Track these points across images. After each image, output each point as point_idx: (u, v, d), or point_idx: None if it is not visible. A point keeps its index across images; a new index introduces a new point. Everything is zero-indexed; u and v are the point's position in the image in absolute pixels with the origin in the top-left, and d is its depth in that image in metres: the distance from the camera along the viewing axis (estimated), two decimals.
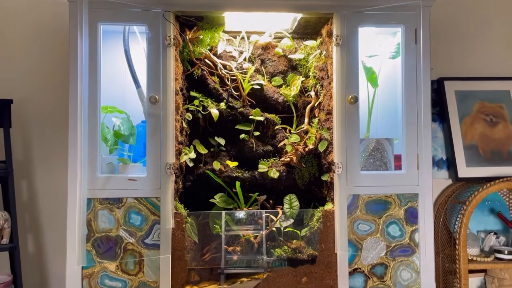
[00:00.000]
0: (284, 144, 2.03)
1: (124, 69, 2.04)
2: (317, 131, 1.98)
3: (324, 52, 1.97)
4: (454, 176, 2.29)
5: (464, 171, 2.27)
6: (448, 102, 2.33)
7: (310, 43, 2.06)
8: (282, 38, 2.16)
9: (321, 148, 1.93)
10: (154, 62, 1.80)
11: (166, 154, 1.79)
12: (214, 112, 1.97)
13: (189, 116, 1.97)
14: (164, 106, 1.79)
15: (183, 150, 1.91)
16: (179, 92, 1.89)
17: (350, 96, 1.83)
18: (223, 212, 1.90)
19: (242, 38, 2.12)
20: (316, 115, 2.02)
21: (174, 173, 1.81)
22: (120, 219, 1.79)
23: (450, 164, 2.35)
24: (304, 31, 2.11)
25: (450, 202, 2.26)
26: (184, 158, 1.89)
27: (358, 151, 1.85)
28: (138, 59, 1.98)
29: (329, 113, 1.91)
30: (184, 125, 1.93)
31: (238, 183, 1.93)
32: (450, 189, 2.35)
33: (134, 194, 1.79)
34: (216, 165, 1.99)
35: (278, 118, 2.10)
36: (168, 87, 1.80)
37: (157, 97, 1.78)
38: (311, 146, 1.97)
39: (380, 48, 2.11)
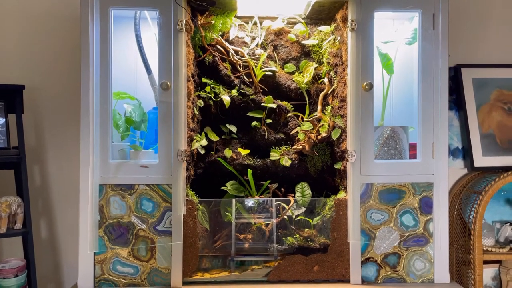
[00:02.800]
0: (297, 132, 2.00)
1: (135, 55, 2.02)
2: (330, 118, 1.95)
3: (339, 38, 1.92)
4: (470, 165, 2.24)
5: (480, 160, 2.23)
6: (465, 90, 2.27)
7: (324, 28, 2.02)
8: (295, 23, 2.12)
9: (334, 136, 1.90)
10: (165, 47, 1.78)
11: (177, 141, 1.77)
12: (226, 99, 1.94)
13: (200, 103, 1.94)
14: (176, 93, 1.77)
15: (194, 137, 1.89)
16: (191, 78, 1.87)
17: (365, 83, 1.79)
18: (234, 200, 1.89)
19: (255, 23, 2.08)
20: (330, 102, 1.98)
21: (186, 160, 1.80)
22: (132, 206, 1.79)
23: (466, 153, 2.30)
24: (318, 16, 2.06)
25: (465, 192, 2.22)
26: (195, 145, 1.87)
27: (372, 139, 1.82)
28: (149, 45, 1.97)
29: (343, 100, 1.87)
30: (196, 112, 1.91)
31: (249, 171, 1.91)
32: (466, 178, 2.30)
33: (146, 181, 1.78)
34: (228, 152, 1.97)
35: (291, 106, 2.07)
36: (179, 73, 1.77)
37: (168, 83, 1.76)
38: (324, 134, 1.93)
39: (396, 34, 2.06)
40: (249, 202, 1.91)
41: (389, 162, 1.87)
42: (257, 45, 2.07)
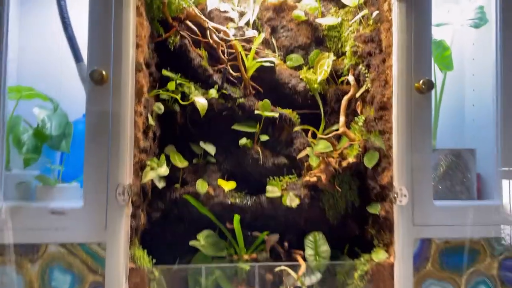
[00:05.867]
0: (307, 156, 1.32)
1: (58, 34, 1.29)
2: (362, 136, 1.27)
3: (375, 14, 1.26)
4: None
5: None
6: None
7: (349, 0, 1.35)
8: None
9: (369, 162, 1.23)
10: (100, 14, 1.07)
11: (117, 170, 1.05)
12: (200, 103, 1.24)
13: (159, 107, 1.23)
14: (117, 89, 1.06)
15: (148, 162, 1.18)
16: (143, 67, 1.16)
17: (420, 81, 1.14)
18: (210, 266, 1.18)
19: None
20: (359, 111, 1.32)
21: (132, 201, 1.08)
22: (35, 282, 1.04)
23: None
24: None
25: None
26: (149, 175, 1.16)
27: (430, 169, 1.16)
28: (81, 19, 1.23)
29: (383, 107, 1.21)
30: (151, 121, 1.19)
31: (236, 218, 1.21)
32: None
33: (61, 238, 1.05)
34: (202, 186, 1.26)
35: (297, 116, 1.39)
36: (124, 57, 1.07)
37: (104, 73, 1.05)
38: (351, 160, 1.26)
39: (450, 15, 1.43)
40: (236, 267, 1.20)
41: (455, 204, 1.21)
42: (247, 24, 1.39)
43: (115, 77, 1.06)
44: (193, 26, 1.32)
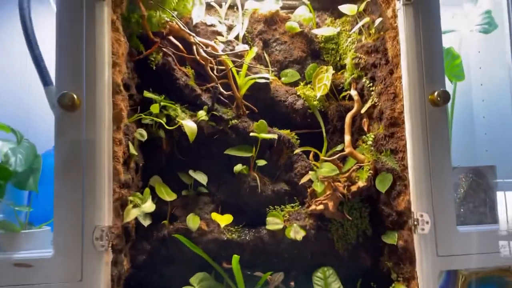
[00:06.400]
0: (310, 181, 1.18)
1: (23, 55, 1.14)
2: (371, 156, 1.14)
3: (378, 21, 1.15)
4: None
5: None
6: None
7: (347, 8, 1.23)
8: (294, 8, 1.34)
9: (382, 186, 1.09)
10: (70, 30, 0.92)
11: (94, 210, 0.89)
12: (189, 126, 1.10)
13: (142, 134, 1.08)
14: (91, 115, 0.91)
15: (130, 198, 1.02)
16: (121, 89, 1.01)
17: (435, 93, 1.01)
18: None
19: (232, 6, 1.28)
20: (365, 128, 1.19)
21: (112, 246, 0.92)
22: None
23: None
24: None
25: None
26: (132, 214, 0.99)
27: (451, 190, 1.03)
28: (49, 38, 1.09)
29: (394, 124, 1.09)
30: (133, 150, 1.04)
31: (235, 258, 1.04)
32: None
33: None
34: (193, 221, 1.11)
35: (296, 136, 1.25)
36: (98, 79, 0.92)
37: (75, 97, 0.89)
38: (361, 184, 1.12)
39: (454, 20, 1.33)
40: None
41: (481, 230, 1.08)
42: (237, 38, 1.26)
43: (88, 101, 0.91)
44: (177, 42, 1.18)
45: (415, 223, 1.00)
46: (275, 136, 1.17)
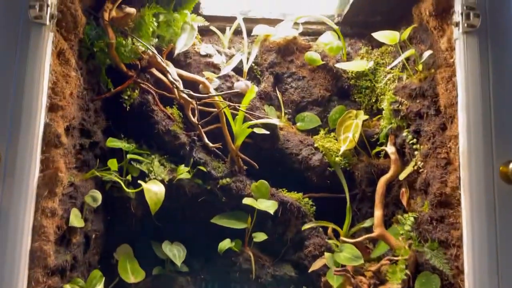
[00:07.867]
0: (326, 267, 0.85)
1: None
2: (410, 246, 0.79)
3: (428, 54, 0.82)
4: None
5: None
6: None
7: (385, 35, 0.91)
8: (319, 33, 1.04)
9: None
10: None
11: None
12: (152, 192, 0.83)
13: (94, 198, 0.82)
14: (10, 177, 0.66)
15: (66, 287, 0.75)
16: (62, 140, 0.76)
17: (510, 164, 0.66)
18: None
19: (240, 31, 1.01)
20: (403, 202, 0.85)
21: None
22: None
23: None
24: (366, 20, 1.00)
25: None
26: None
27: None
28: None
29: (445, 203, 0.77)
30: (77, 221, 0.79)
31: None
32: None
33: None
34: None
35: (311, 202, 0.94)
36: (23, 127, 0.68)
37: None
38: (394, 286, 0.77)
39: None
40: None
41: None
42: (240, 71, 0.98)
43: (10, 157, 0.67)
44: (161, 76, 0.93)
45: None
46: (275, 207, 0.87)
